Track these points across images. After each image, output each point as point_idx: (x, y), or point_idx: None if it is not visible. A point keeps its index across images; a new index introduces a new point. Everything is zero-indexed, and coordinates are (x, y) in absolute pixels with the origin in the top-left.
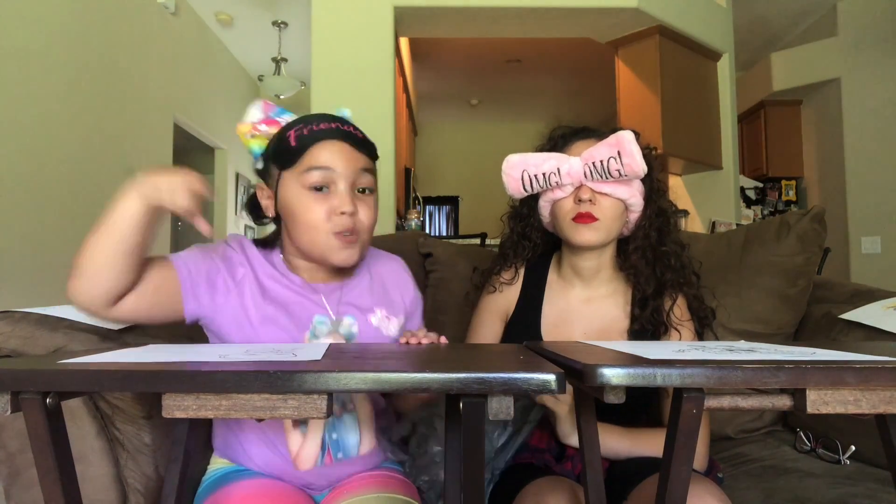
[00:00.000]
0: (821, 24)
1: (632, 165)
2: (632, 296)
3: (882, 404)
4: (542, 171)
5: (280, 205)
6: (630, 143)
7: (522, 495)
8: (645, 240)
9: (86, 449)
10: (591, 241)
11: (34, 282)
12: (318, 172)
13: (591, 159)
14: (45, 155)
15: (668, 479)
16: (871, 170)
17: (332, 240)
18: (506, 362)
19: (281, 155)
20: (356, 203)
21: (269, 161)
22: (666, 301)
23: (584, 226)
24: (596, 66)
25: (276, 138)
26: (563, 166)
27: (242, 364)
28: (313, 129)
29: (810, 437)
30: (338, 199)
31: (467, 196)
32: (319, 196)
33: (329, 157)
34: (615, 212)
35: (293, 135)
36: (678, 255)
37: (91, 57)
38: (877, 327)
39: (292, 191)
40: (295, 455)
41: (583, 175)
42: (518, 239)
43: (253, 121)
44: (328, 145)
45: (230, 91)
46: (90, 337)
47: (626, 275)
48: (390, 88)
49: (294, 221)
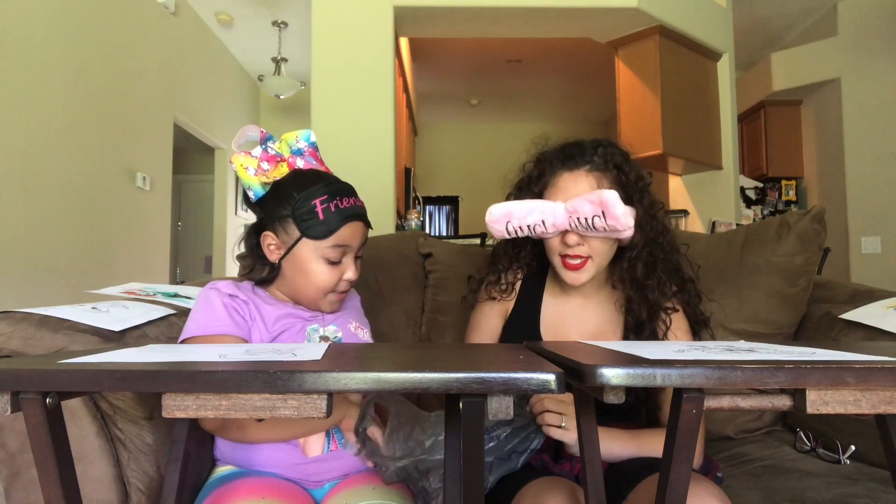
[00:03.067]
0: (821, 24)
1: (616, 226)
2: (625, 309)
3: (882, 404)
4: (527, 223)
5: (290, 259)
6: (614, 206)
7: (521, 496)
8: (630, 271)
9: (86, 449)
10: (580, 282)
11: (34, 282)
12: (340, 249)
13: (576, 214)
14: (45, 155)
15: (668, 479)
16: (871, 170)
17: (331, 296)
18: (505, 362)
19: (306, 223)
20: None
21: (286, 217)
22: (660, 320)
23: (573, 271)
24: (596, 66)
25: (298, 200)
26: (549, 218)
27: (242, 364)
28: (339, 207)
29: (810, 436)
30: (348, 270)
31: (467, 196)
32: (332, 264)
33: (350, 237)
34: (605, 247)
35: (320, 207)
36: (667, 280)
37: (91, 57)
38: (877, 327)
39: (310, 255)
40: (304, 442)
41: (568, 225)
42: (511, 260)
43: (255, 155)
44: (352, 226)
45: (230, 91)
46: (91, 338)
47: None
48: (390, 88)
49: (304, 278)
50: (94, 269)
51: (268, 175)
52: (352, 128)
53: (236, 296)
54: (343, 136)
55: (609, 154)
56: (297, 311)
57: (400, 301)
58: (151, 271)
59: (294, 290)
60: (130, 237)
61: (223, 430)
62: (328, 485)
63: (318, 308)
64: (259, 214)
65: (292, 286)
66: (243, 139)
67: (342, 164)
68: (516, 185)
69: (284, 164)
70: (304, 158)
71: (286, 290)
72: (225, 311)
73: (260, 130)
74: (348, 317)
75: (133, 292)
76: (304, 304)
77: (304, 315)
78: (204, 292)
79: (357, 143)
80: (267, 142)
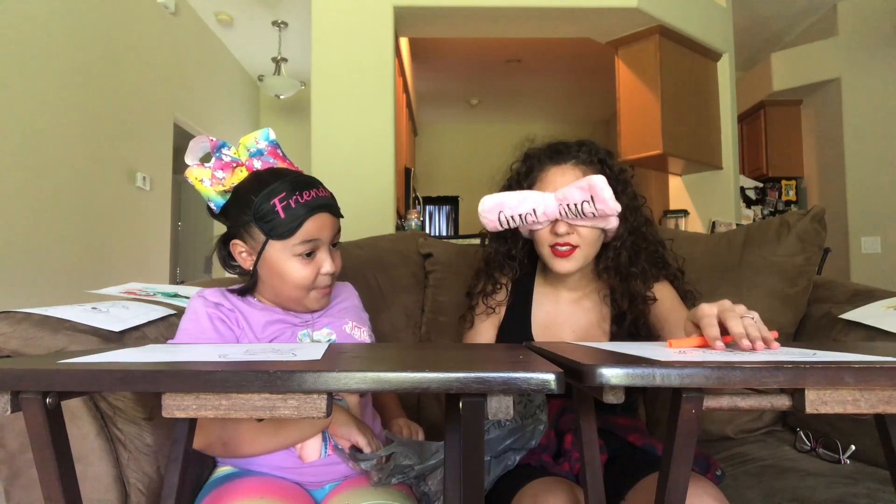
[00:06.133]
0: (821, 24)
1: (605, 210)
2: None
3: (881, 404)
4: (519, 213)
5: (263, 264)
6: (602, 190)
7: (520, 496)
8: (615, 260)
9: (86, 449)
10: (569, 271)
11: (34, 282)
12: (310, 244)
13: (566, 201)
14: (45, 155)
15: (668, 478)
16: (871, 170)
17: (313, 293)
18: (505, 362)
19: (268, 224)
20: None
21: (248, 222)
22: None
23: (562, 259)
24: (596, 66)
25: (257, 203)
26: (539, 207)
27: (242, 364)
28: (300, 202)
29: (810, 436)
30: (323, 263)
31: (467, 196)
32: (306, 260)
33: (317, 230)
34: (592, 236)
35: (279, 206)
36: (650, 270)
37: (91, 57)
38: (877, 327)
39: (280, 256)
40: (300, 448)
41: (558, 214)
42: (503, 259)
43: (209, 166)
44: (316, 219)
45: (230, 91)
46: (91, 338)
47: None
48: (390, 88)
49: (281, 280)
50: (94, 269)
51: (224, 183)
52: (352, 128)
53: (221, 304)
54: (343, 136)
55: (593, 150)
56: (286, 317)
57: (400, 301)
58: (151, 271)
59: (275, 293)
60: (130, 237)
61: (209, 448)
62: (329, 485)
63: (305, 308)
64: (224, 224)
65: (272, 290)
66: (197, 151)
67: (342, 164)
68: (505, 183)
69: (242, 168)
70: (261, 159)
71: (269, 295)
72: (209, 322)
73: (210, 139)
74: (344, 317)
75: (133, 292)
76: (291, 307)
77: (294, 321)
78: (192, 301)
79: (357, 143)
80: (220, 149)
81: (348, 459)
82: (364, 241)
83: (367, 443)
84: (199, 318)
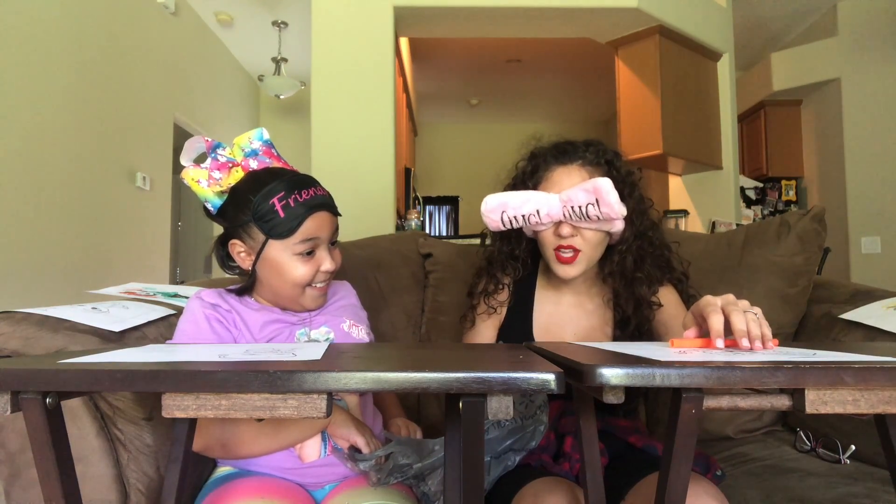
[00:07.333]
0: (821, 24)
1: (610, 213)
2: (613, 304)
3: (881, 404)
4: (522, 213)
5: (262, 263)
6: (608, 193)
7: (520, 496)
8: (620, 264)
9: (86, 449)
10: (573, 276)
11: (34, 282)
12: (310, 243)
13: (570, 203)
14: (45, 155)
15: (668, 478)
16: (871, 170)
17: (312, 291)
18: (505, 362)
19: (268, 224)
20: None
21: (247, 222)
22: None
23: (566, 265)
24: (596, 66)
25: (255, 203)
26: (543, 208)
27: (242, 364)
28: (299, 201)
29: (810, 436)
30: (323, 261)
31: (467, 196)
32: (306, 258)
33: (317, 228)
34: (597, 239)
35: (279, 206)
36: (655, 274)
37: (91, 57)
38: (877, 327)
39: (280, 255)
40: (300, 448)
41: (562, 216)
42: (506, 259)
43: (205, 167)
44: (316, 217)
45: (230, 91)
46: (91, 338)
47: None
48: (390, 88)
49: (280, 278)
50: (94, 269)
51: (221, 183)
52: (352, 128)
53: (218, 305)
54: (343, 136)
55: (600, 150)
56: (284, 317)
57: (400, 301)
58: (151, 271)
59: (273, 292)
60: (130, 237)
61: (208, 450)
62: (329, 486)
63: (301, 307)
64: (222, 224)
65: (271, 289)
66: (192, 152)
67: (342, 164)
68: (511, 182)
69: (238, 168)
70: (257, 159)
71: (267, 295)
72: (207, 323)
73: (205, 140)
74: (341, 315)
75: (133, 292)
76: (288, 305)
77: (292, 320)
78: (190, 301)
79: (357, 143)
80: (216, 150)
81: (347, 460)
82: (364, 241)
83: (365, 443)
84: (197, 319)
